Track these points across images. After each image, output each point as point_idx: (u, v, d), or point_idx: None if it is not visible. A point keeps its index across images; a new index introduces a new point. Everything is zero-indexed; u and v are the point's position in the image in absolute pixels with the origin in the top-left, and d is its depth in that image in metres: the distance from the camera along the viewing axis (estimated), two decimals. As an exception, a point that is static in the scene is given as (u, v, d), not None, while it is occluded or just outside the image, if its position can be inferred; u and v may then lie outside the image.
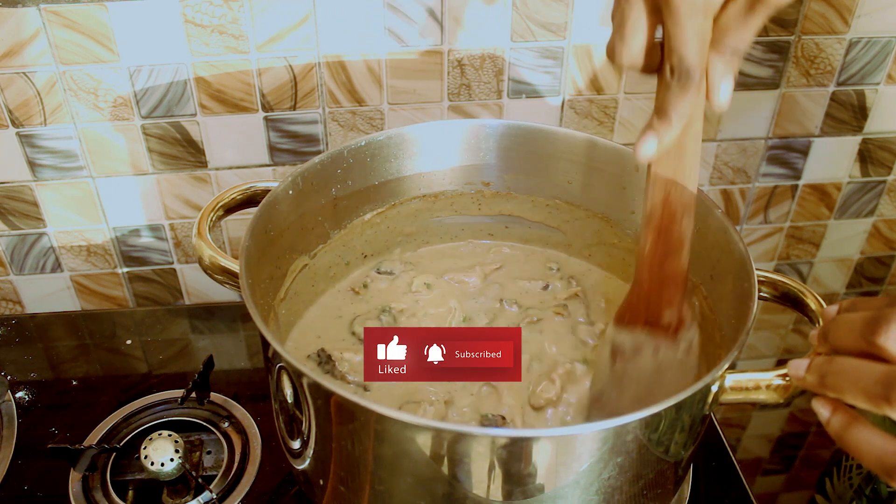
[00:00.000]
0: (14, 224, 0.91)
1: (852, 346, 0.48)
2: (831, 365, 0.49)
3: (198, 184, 0.91)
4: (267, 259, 0.67)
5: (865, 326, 0.47)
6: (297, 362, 0.52)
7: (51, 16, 0.77)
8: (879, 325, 0.46)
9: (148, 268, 0.98)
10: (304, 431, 0.58)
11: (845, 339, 0.49)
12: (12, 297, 0.98)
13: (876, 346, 0.46)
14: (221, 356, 0.87)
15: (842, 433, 0.49)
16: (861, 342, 0.47)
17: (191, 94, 0.84)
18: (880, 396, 0.45)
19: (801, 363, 0.52)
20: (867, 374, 0.46)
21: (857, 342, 0.48)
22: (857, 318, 0.48)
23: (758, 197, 1.03)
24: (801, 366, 0.52)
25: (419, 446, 0.52)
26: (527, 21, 0.84)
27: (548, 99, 0.90)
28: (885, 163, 1.02)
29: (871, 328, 0.46)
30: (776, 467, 1.31)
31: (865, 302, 0.52)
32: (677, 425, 0.55)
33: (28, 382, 0.84)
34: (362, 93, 0.87)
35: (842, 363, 0.49)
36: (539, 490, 0.54)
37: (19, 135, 0.85)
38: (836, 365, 0.49)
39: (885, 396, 0.45)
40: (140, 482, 0.73)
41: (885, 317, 0.46)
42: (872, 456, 0.48)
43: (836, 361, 0.49)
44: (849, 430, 0.49)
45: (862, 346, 0.47)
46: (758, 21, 0.50)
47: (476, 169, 0.78)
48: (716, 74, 0.52)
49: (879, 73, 0.94)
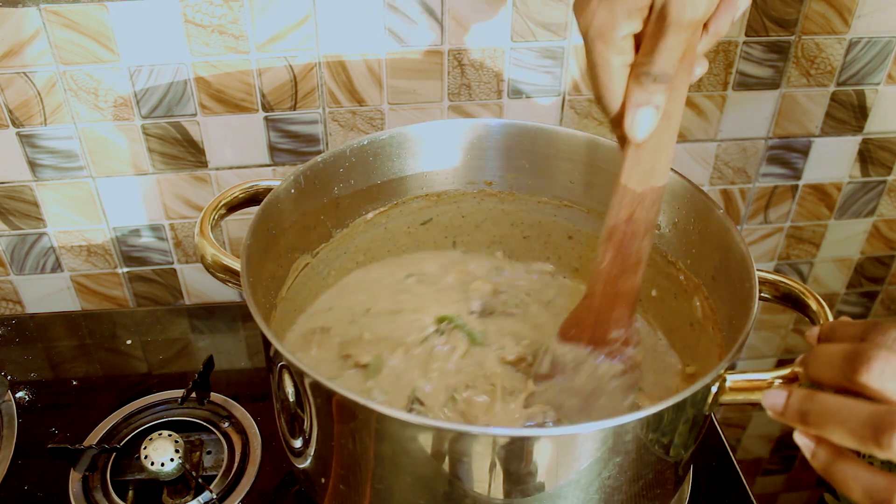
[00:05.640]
0: (14, 224, 0.91)
1: (832, 381, 0.47)
2: (813, 402, 0.48)
3: (198, 184, 0.91)
4: (269, 258, 0.68)
5: (845, 363, 0.46)
6: (298, 361, 0.53)
7: (51, 16, 0.77)
8: (859, 362, 0.45)
9: (148, 268, 0.98)
10: (305, 430, 0.58)
11: (825, 373, 0.48)
12: (12, 297, 0.98)
13: (857, 384, 0.45)
14: (221, 356, 0.87)
15: (828, 467, 0.48)
16: (841, 379, 0.46)
17: (191, 94, 0.84)
18: (868, 438, 0.44)
19: (778, 395, 0.50)
20: (853, 415, 0.45)
21: (837, 378, 0.47)
22: (837, 351, 0.47)
23: (758, 197, 1.03)
24: (779, 398, 0.50)
25: (420, 445, 0.52)
26: (527, 21, 0.84)
27: (548, 99, 0.90)
28: (885, 163, 1.02)
29: (850, 365, 0.45)
30: (776, 467, 1.31)
31: (844, 327, 0.50)
32: (677, 425, 0.55)
33: (28, 382, 0.84)
34: (362, 93, 0.87)
35: (825, 402, 0.47)
36: (539, 489, 0.54)
37: (19, 135, 0.85)
38: (819, 403, 0.47)
39: (873, 438, 0.44)
40: (140, 482, 0.73)
41: (863, 353, 0.45)
42: (860, 491, 0.46)
43: (817, 399, 0.48)
44: (835, 464, 0.48)
45: (843, 383, 0.46)
46: (671, 42, 0.50)
47: (478, 168, 0.78)
48: (630, 103, 0.52)
49: (879, 73, 0.94)
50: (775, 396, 0.50)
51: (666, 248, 0.74)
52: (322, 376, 0.52)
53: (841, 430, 0.46)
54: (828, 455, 0.48)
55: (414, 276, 0.80)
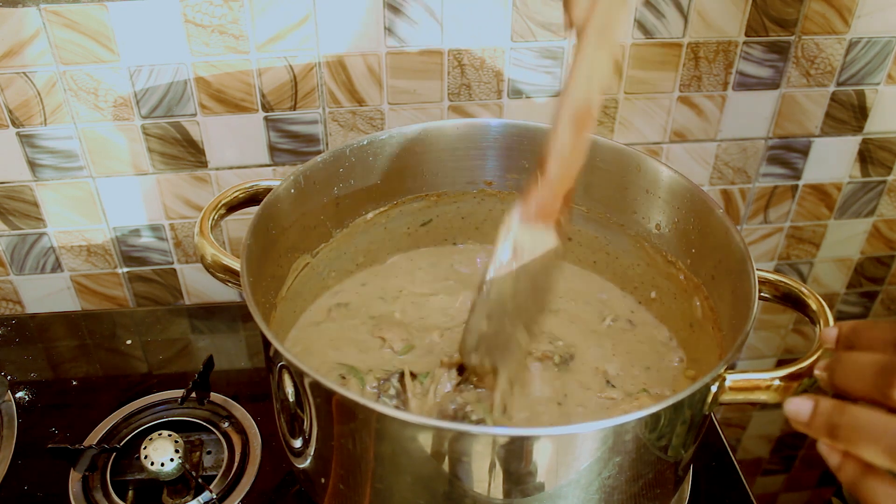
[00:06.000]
0: (14, 224, 0.91)
1: (863, 394, 0.45)
2: (843, 415, 0.44)
3: (198, 184, 0.91)
4: (268, 258, 0.68)
5: (879, 376, 0.43)
6: (298, 361, 0.53)
7: (51, 16, 0.77)
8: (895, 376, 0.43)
9: (148, 268, 0.98)
10: (305, 430, 0.58)
11: (855, 384, 0.45)
12: (12, 297, 0.98)
13: (893, 400, 0.43)
14: (221, 356, 0.87)
15: (856, 483, 0.45)
16: (874, 392, 0.44)
17: (191, 94, 0.84)
18: None
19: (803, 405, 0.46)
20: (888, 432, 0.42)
21: (870, 391, 0.44)
22: (867, 362, 0.45)
23: (758, 197, 1.03)
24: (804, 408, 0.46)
25: (419, 445, 0.52)
26: (527, 21, 0.84)
27: (548, 99, 0.90)
28: (885, 163, 1.02)
29: (885, 379, 0.43)
30: (776, 467, 1.31)
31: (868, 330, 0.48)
32: (677, 425, 0.55)
33: (28, 382, 0.84)
34: (362, 93, 0.87)
35: (857, 416, 0.44)
36: (539, 489, 0.54)
37: (19, 135, 0.85)
38: (850, 417, 0.44)
39: None
40: (140, 482, 0.73)
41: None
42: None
43: (849, 412, 0.44)
44: (864, 480, 0.44)
45: (875, 397, 0.44)
46: None
47: (478, 168, 0.78)
48: None
49: (879, 73, 0.94)
50: (800, 405, 0.47)
51: (666, 248, 0.74)
52: (322, 377, 0.52)
53: (874, 448, 0.43)
54: (857, 470, 0.45)
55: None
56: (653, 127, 0.94)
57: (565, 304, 0.78)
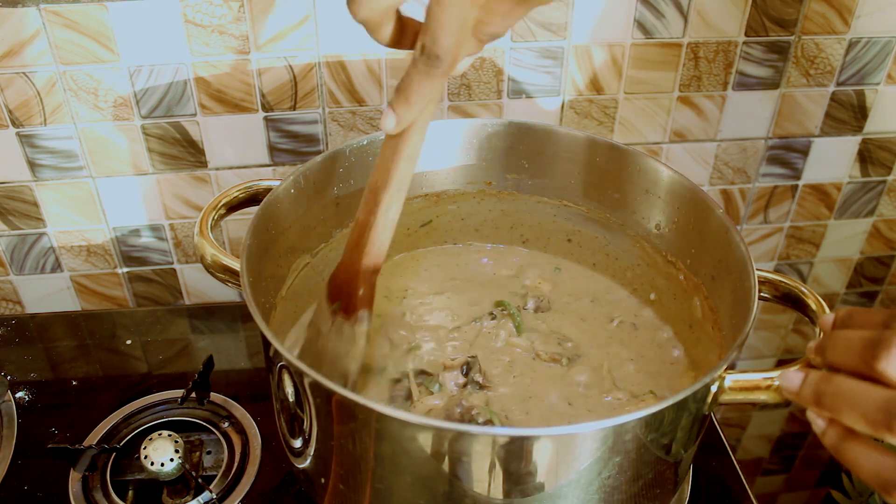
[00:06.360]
0: (14, 224, 0.91)
1: (850, 366, 0.48)
2: (829, 384, 0.49)
3: (198, 184, 0.91)
4: (268, 257, 0.68)
5: (865, 349, 0.47)
6: (298, 361, 0.52)
7: (51, 16, 0.77)
8: (880, 349, 0.46)
9: (148, 268, 0.98)
10: (305, 430, 0.58)
11: (843, 357, 0.49)
12: (12, 297, 0.98)
13: (876, 371, 0.46)
14: (221, 356, 0.87)
15: (838, 445, 0.49)
16: (860, 364, 0.47)
17: (191, 94, 0.84)
18: (881, 423, 0.45)
19: (794, 376, 0.52)
20: (867, 399, 0.46)
21: (856, 363, 0.47)
22: (856, 337, 0.48)
23: (758, 197, 1.03)
24: (795, 379, 0.51)
25: (419, 445, 0.52)
26: (527, 21, 0.84)
27: (548, 99, 0.90)
28: (885, 163, 1.02)
29: (871, 352, 0.46)
30: (776, 467, 1.31)
31: (862, 314, 0.51)
32: (677, 425, 0.55)
33: (28, 382, 0.84)
34: (362, 93, 0.87)
35: (840, 384, 0.48)
36: (539, 489, 0.54)
37: (19, 135, 0.85)
38: (834, 385, 0.48)
39: (885, 423, 0.45)
40: (140, 482, 0.73)
41: (886, 340, 0.46)
42: (869, 470, 0.48)
43: (833, 381, 0.49)
44: (845, 442, 0.49)
45: (861, 369, 0.47)
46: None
47: (478, 168, 0.78)
48: None
49: (879, 73, 0.94)
50: (791, 377, 0.52)
51: (666, 248, 0.74)
52: (322, 377, 0.52)
53: (854, 414, 0.47)
54: (839, 433, 0.49)
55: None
56: (653, 127, 0.94)
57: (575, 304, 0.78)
